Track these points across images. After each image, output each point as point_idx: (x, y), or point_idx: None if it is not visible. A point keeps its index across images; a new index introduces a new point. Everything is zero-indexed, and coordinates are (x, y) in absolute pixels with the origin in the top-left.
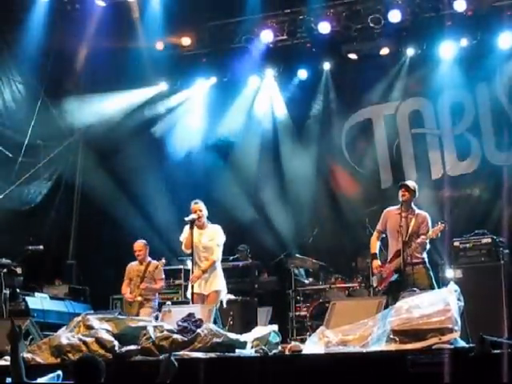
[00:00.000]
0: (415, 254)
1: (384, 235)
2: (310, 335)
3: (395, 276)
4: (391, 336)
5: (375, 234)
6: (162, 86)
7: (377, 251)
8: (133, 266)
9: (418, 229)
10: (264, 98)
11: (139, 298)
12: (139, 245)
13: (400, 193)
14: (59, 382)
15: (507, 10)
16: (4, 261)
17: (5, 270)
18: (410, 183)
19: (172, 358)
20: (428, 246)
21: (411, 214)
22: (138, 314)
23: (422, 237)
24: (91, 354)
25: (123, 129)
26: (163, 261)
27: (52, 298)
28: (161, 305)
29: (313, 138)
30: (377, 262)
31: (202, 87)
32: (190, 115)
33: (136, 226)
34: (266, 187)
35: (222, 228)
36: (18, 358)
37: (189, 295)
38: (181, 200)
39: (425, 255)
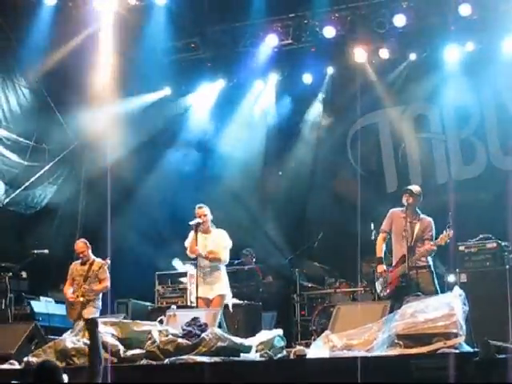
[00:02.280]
0: (420, 258)
1: (389, 236)
2: (314, 339)
3: (400, 282)
4: (396, 340)
5: (381, 235)
6: (167, 91)
7: (382, 255)
8: (76, 265)
9: (423, 234)
10: (268, 102)
11: (81, 299)
12: (80, 245)
13: (404, 198)
14: None
15: None
16: (9, 265)
17: (10, 274)
18: (414, 188)
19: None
20: (434, 252)
21: (416, 218)
22: (80, 315)
23: (430, 243)
24: (48, 359)
25: (128, 133)
26: (108, 261)
27: (57, 301)
28: (166, 309)
29: (318, 142)
30: (382, 267)
31: (206, 91)
32: (194, 119)
33: (141, 230)
34: (270, 191)
35: (227, 231)
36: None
37: (193, 299)
38: (185, 204)
39: (429, 259)
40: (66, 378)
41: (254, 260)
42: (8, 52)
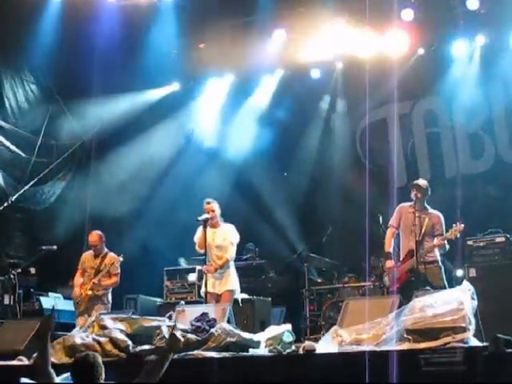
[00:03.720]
0: (429, 253)
1: (397, 231)
2: (323, 334)
3: (409, 276)
4: (405, 335)
5: (390, 230)
6: (175, 86)
7: (391, 250)
8: (88, 256)
9: (432, 229)
10: (276, 97)
11: (89, 292)
12: (94, 237)
13: (412, 193)
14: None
15: None
16: (18, 261)
17: (19, 270)
18: (421, 182)
19: (175, 332)
20: (448, 247)
21: (424, 213)
22: (86, 309)
23: (440, 238)
24: (91, 353)
25: (136, 129)
26: (121, 258)
27: (66, 297)
28: (175, 305)
29: (326, 137)
30: (390, 262)
31: (215, 87)
32: (203, 115)
33: (148, 226)
34: (279, 186)
35: (236, 226)
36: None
37: (202, 293)
38: (194, 200)
39: (437, 254)
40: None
41: (257, 255)
42: (16, 48)
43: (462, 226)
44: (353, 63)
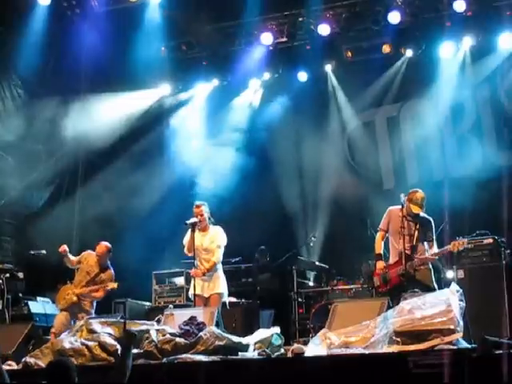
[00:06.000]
0: (421, 263)
1: (387, 235)
2: (312, 337)
3: (401, 280)
4: (393, 337)
5: (379, 233)
6: (163, 90)
7: (381, 251)
8: (91, 257)
9: (424, 235)
10: (263, 100)
11: (74, 298)
12: (102, 247)
13: (402, 196)
14: None
15: (507, 10)
16: (6, 265)
17: (7, 275)
18: (416, 196)
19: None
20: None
21: (416, 218)
22: (68, 309)
23: (439, 251)
24: (64, 357)
25: (124, 133)
26: (115, 286)
27: (54, 302)
28: (163, 308)
29: (314, 139)
30: (381, 263)
31: (202, 90)
32: (190, 119)
33: (136, 231)
34: (265, 190)
35: (225, 229)
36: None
37: (190, 295)
38: (184, 204)
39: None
40: None
41: (268, 258)
42: (3, 52)
43: (466, 240)
44: (341, 66)
